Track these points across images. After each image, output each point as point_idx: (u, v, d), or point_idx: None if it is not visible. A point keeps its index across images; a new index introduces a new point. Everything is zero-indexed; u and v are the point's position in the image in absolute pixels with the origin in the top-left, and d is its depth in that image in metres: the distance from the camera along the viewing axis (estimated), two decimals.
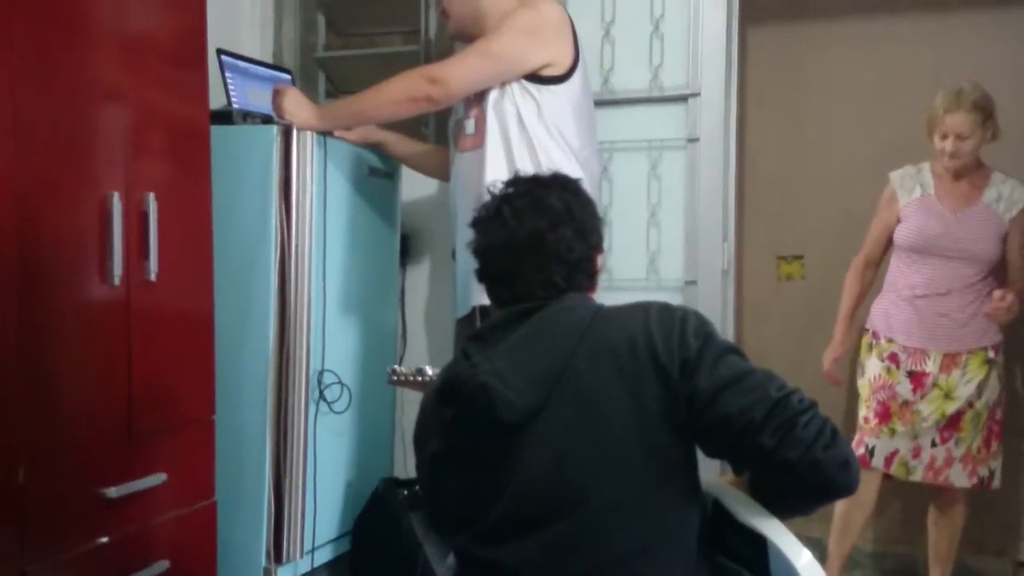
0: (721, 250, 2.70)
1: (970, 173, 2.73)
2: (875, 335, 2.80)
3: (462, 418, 1.39)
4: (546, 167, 2.06)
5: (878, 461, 2.71)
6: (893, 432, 2.69)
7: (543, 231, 1.42)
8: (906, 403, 2.69)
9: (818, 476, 1.25)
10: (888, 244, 2.84)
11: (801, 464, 1.24)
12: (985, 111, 2.64)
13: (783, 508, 1.35)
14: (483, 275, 1.50)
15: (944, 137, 2.67)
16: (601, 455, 1.30)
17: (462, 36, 2.45)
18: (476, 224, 1.50)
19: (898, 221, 2.78)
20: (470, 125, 2.33)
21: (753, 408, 1.26)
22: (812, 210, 3.58)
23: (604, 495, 1.30)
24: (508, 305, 1.45)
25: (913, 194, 2.77)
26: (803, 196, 3.60)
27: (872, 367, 2.77)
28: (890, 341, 2.75)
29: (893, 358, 2.73)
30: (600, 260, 1.52)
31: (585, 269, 1.47)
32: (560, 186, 1.48)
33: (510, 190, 1.48)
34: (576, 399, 1.32)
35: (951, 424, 2.68)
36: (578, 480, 1.31)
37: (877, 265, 2.90)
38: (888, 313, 2.78)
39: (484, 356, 1.37)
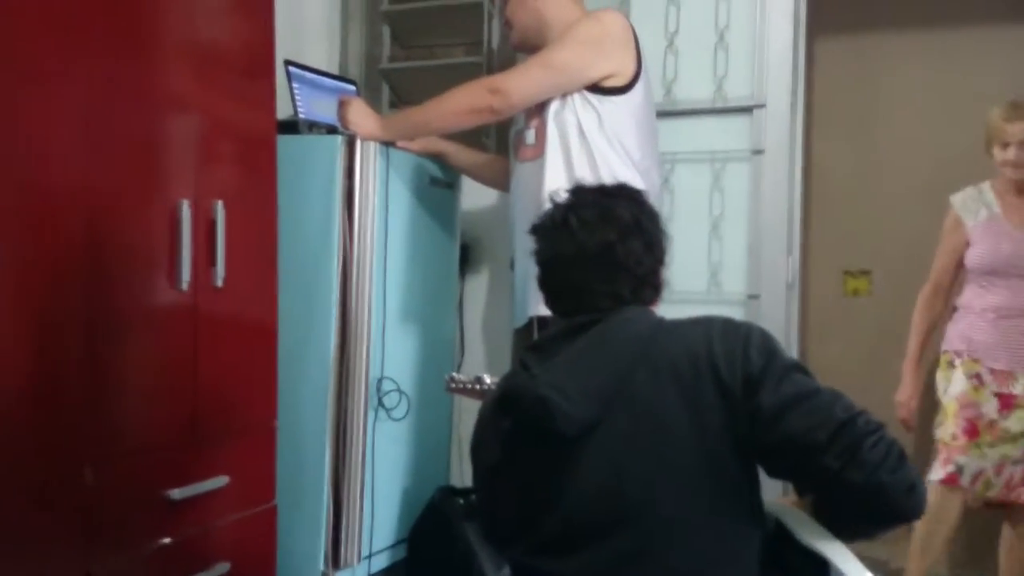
0: (786, 264, 2.66)
1: None
2: (957, 354, 2.72)
3: (520, 429, 1.38)
4: (606, 178, 2.05)
5: (966, 480, 2.61)
6: (981, 449, 2.60)
7: (613, 243, 1.40)
8: (992, 422, 2.60)
9: (883, 500, 1.21)
10: (957, 270, 2.76)
11: (866, 487, 1.20)
12: None
13: (846, 531, 1.32)
14: (547, 285, 1.49)
15: (1006, 147, 2.61)
16: (659, 469, 1.29)
17: (525, 47, 2.46)
18: (539, 232, 1.48)
19: (967, 245, 2.71)
20: (531, 135, 2.34)
21: (818, 429, 1.23)
22: (880, 224, 3.50)
23: (662, 510, 1.28)
24: (571, 316, 1.43)
25: (979, 216, 2.70)
26: (871, 210, 3.52)
27: (957, 383, 2.67)
28: (974, 361, 2.66)
29: (979, 377, 2.65)
30: (663, 274, 1.49)
31: (652, 283, 1.45)
32: (628, 197, 1.46)
33: (575, 199, 1.46)
34: (635, 413, 1.30)
35: None
36: (636, 494, 1.29)
37: (948, 292, 2.81)
38: (968, 335, 2.69)
39: (543, 367, 1.36)
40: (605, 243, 1.40)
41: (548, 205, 1.50)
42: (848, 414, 1.24)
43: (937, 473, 2.62)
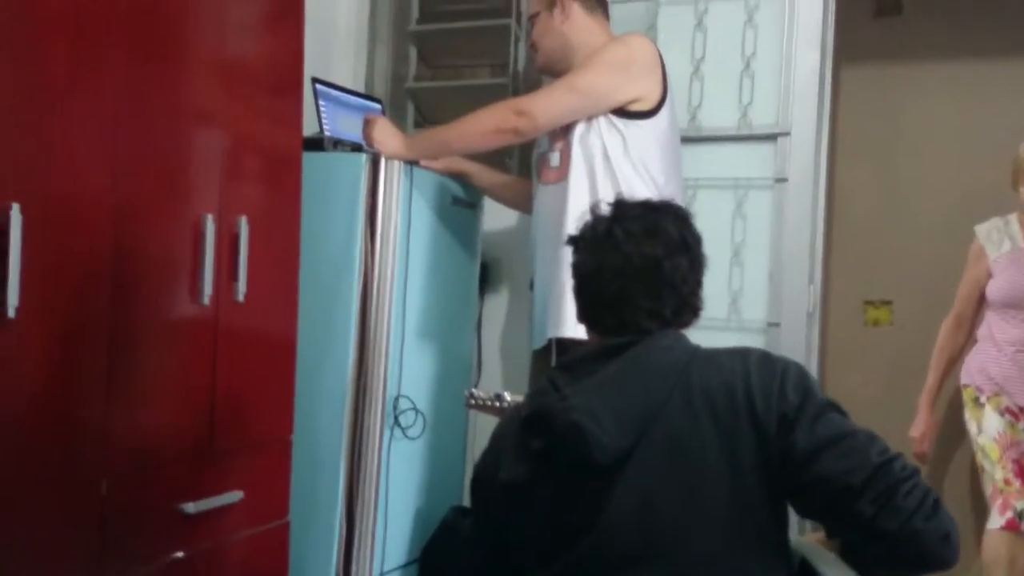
0: (807, 292, 2.64)
1: None
2: (979, 389, 2.67)
3: (550, 453, 1.35)
4: None
5: None
6: None
7: (660, 258, 1.37)
8: None
9: (916, 548, 1.19)
10: (980, 301, 2.74)
11: (900, 534, 1.18)
12: None
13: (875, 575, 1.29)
14: (587, 299, 1.44)
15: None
16: (690, 504, 1.27)
17: (551, 70, 2.46)
18: (580, 244, 1.45)
19: (989, 276, 2.68)
20: (555, 158, 2.34)
21: (852, 472, 1.20)
22: (902, 255, 3.48)
23: (690, 545, 1.26)
24: (609, 332, 1.40)
25: (1002, 248, 2.67)
26: (893, 240, 3.50)
27: (992, 423, 2.61)
28: (999, 395, 2.62)
29: (1010, 411, 2.60)
30: (703, 294, 1.46)
31: (692, 304, 1.42)
32: (673, 214, 1.43)
33: (620, 211, 1.43)
34: (667, 444, 1.28)
35: None
36: (664, 527, 1.27)
37: (971, 324, 2.78)
38: (987, 369, 2.66)
39: (574, 389, 1.33)
40: (652, 258, 1.37)
41: (588, 218, 1.46)
42: (883, 458, 1.21)
43: (996, 521, 2.52)
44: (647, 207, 1.44)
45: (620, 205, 1.45)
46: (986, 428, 2.61)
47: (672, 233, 1.39)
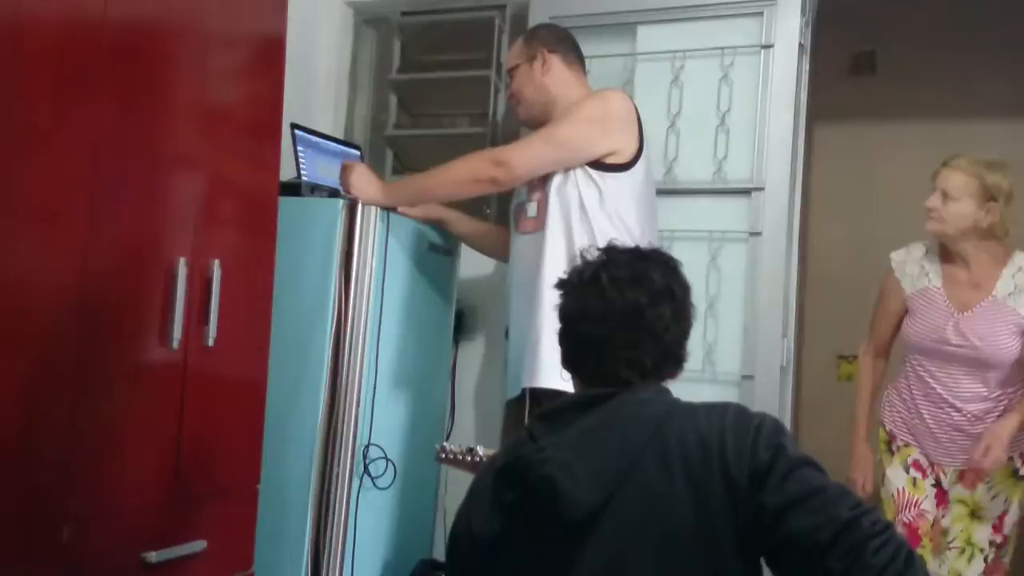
0: (781, 346, 2.65)
1: (982, 256, 2.41)
2: (892, 436, 2.53)
3: (522, 506, 1.33)
4: None
5: None
6: (925, 558, 2.37)
7: (643, 305, 1.36)
8: (936, 523, 2.40)
9: None
10: (896, 332, 2.57)
11: None
12: (989, 188, 2.35)
13: None
14: (568, 342, 1.44)
15: (933, 192, 2.42)
16: (662, 563, 1.25)
17: (531, 121, 2.49)
18: (567, 287, 1.44)
19: (905, 312, 2.51)
20: (532, 208, 2.35)
21: (821, 529, 1.18)
22: None
23: None
24: (589, 379, 1.40)
25: (918, 283, 2.50)
26: (867, 295, 3.51)
27: (895, 477, 2.47)
28: (908, 445, 2.49)
29: (917, 466, 2.46)
30: (688, 345, 1.45)
31: (675, 354, 1.41)
32: (662, 263, 1.43)
33: (608, 257, 1.43)
34: (641, 501, 1.27)
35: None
36: None
37: (887, 354, 2.64)
38: (900, 416, 2.53)
39: (551, 441, 1.32)
40: (635, 305, 1.36)
41: (577, 262, 1.46)
42: (853, 513, 1.19)
43: None
44: (636, 255, 1.44)
45: (610, 251, 1.45)
46: (889, 483, 2.50)
47: (658, 281, 1.39)
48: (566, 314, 1.44)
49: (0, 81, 1.46)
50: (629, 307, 1.36)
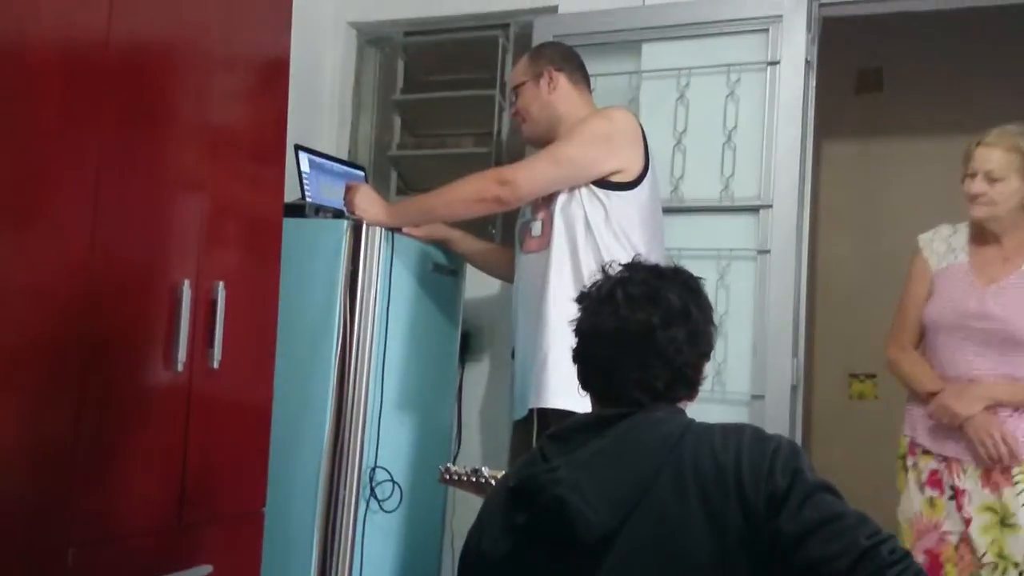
0: (791, 365, 2.62)
1: (1016, 230, 2.25)
2: (911, 448, 2.31)
3: (534, 527, 1.31)
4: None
5: None
6: None
7: (654, 326, 1.33)
8: (963, 540, 2.18)
9: None
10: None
11: None
12: None
13: None
14: (581, 359, 1.41)
15: (972, 176, 2.24)
16: None
17: (536, 140, 2.48)
18: (584, 302, 1.42)
19: (931, 294, 2.32)
20: (537, 227, 2.34)
21: (840, 557, 1.16)
22: (887, 327, 3.47)
23: None
24: (601, 397, 1.38)
25: (944, 261, 2.34)
26: (877, 313, 3.48)
27: (911, 499, 2.28)
28: (926, 453, 2.28)
29: (934, 480, 2.24)
30: (706, 369, 1.43)
31: (687, 377, 1.38)
32: (682, 283, 1.40)
33: (627, 274, 1.40)
34: (654, 524, 1.24)
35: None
36: None
37: (918, 349, 2.40)
38: (918, 417, 2.32)
39: (563, 461, 1.29)
40: (647, 325, 1.33)
41: (598, 277, 1.44)
42: (872, 541, 1.17)
43: None
44: (654, 272, 1.42)
45: (631, 267, 1.43)
46: (905, 504, 2.31)
47: (674, 302, 1.36)
48: (580, 331, 1.42)
49: (3, 101, 1.46)
50: (641, 327, 1.34)
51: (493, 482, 1.83)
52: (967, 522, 2.19)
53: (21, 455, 1.50)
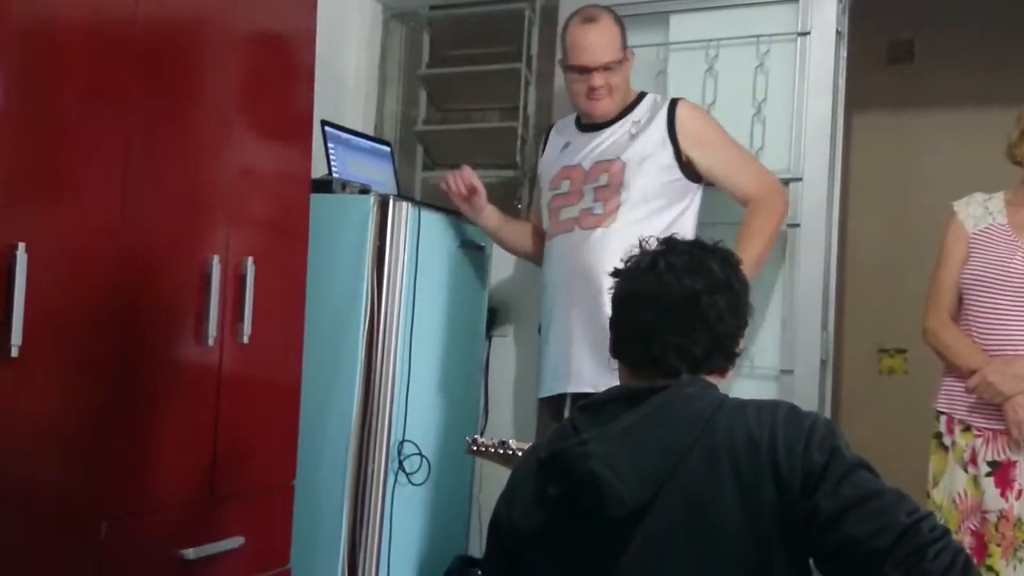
0: (820, 339, 2.60)
1: None
2: (948, 425, 2.23)
3: (565, 500, 1.31)
4: None
5: None
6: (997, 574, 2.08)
7: (698, 292, 1.33)
8: (1003, 518, 2.09)
9: None
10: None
11: None
12: None
13: None
14: (618, 326, 1.41)
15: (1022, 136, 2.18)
16: (707, 564, 1.22)
17: (609, 116, 2.41)
18: (624, 273, 1.42)
19: (967, 258, 2.26)
20: (600, 207, 2.31)
21: (879, 535, 1.15)
22: (917, 302, 3.42)
23: None
24: (637, 366, 1.37)
25: (981, 223, 2.28)
26: (908, 287, 3.45)
27: (954, 479, 2.20)
28: (965, 430, 2.19)
29: (974, 458, 2.16)
30: (741, 344, 1.41)
31: (727, 347, 1.37)
32: (722, 257, 1.40)
33: (667, 247, 1.40)
34: (686, 500, 1.24)
35: None
36: None
37: (958, 320, 2.30)
38: (955, 391, 2.23)
39: (594, 434, 1.29)
40: (691, 291, 1.33)
41: (635, 251, 1.43)
42: (912, 518, 1.16)
43: None
44: (696, 245, 1.42)
45: (669, 241, 1.43)
46: (946, 483, 2.22)
47: (716, 272, 1.36)
48: (618, 298, 1.41)
49: (34, 80, 1.47)
50: (684, 292, 1.33)
51: (520, 454, 1.84)
52: (1019, 494, 2.10)
53: (55, 430, 1.52)
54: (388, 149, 2.90)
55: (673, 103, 2.42)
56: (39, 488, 1.50)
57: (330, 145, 2.61)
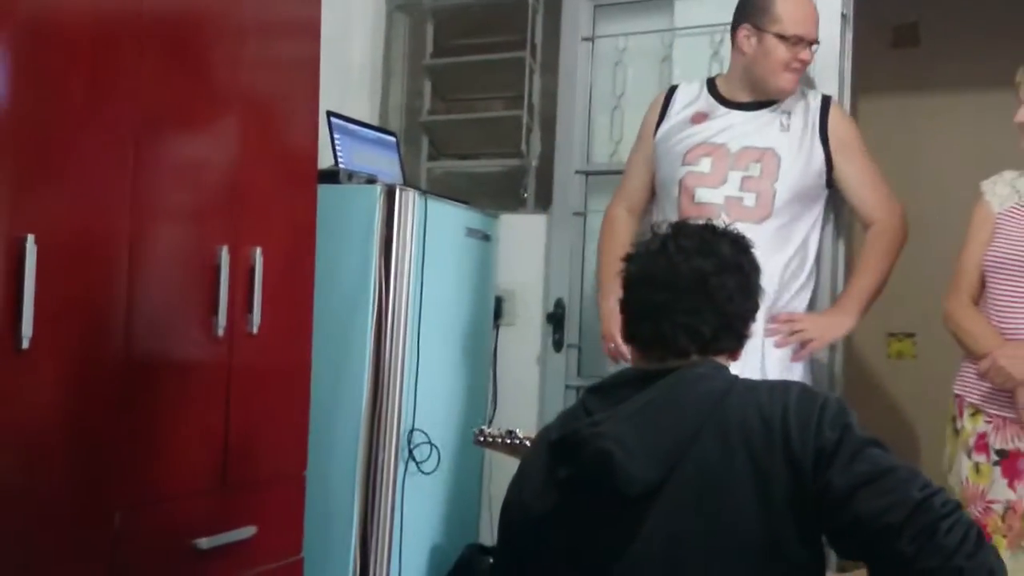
0: None
1: None
2: (960, 408, 2.15)
3: (577, 481, 1.31)
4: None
5: None
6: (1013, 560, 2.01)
7: (707, 273, 1.34)
8: (1010, 509, 2.02)
9: None
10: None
11: (942, 573, 1.13)
12: None
13: None
14: (628, 307, 1.41)
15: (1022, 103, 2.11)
16: (720, 542, 1.22)
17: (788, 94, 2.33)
18: (634, 257, 1.43)
19: (992, 238, 2.16)
20: (751, 198, 2.22)
21: (891, 510, 1.15)
22: (926, 286, 3.41)
23: None
24: (646, 347, 1.38)
25: (1007, 202, 2.19)
26: (916, 271, 3.44)
27: (961, 465, 2.13)
28: (974, 414, 2.11)
29: (981, 445, 2.09)
30: (752, 328, 1.42)
31: (736, 328, 1.38)
32: (733, 240, 1.41)
33: (677, 230, 1.41)
34: (699, 479, 1.24)
35: None
36: (692, 566, 1.23)
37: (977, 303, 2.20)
38: (969, 375, 2.15)
39: (606, 415, 1.29)
40: (700, 271, 1.34)
41: (647, 236, 1.44)
42: (924, 493, 1.16)
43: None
44: (707, 228, 1.43)
45: (680, 224, 1.45)
46: (955, 470, 2.17)
47: (726, 254, 1.37)
48: (629, 280, 1.41)
49: (41, 72, 1.47)
50: (693, 273, 1.34)
51: (527, 443, 1.84)
52: (1019, 489, 2.04)
53: (67, 421, 1.53)
54: (393, 139, 2.90)
55: (826, 101, 2.34)
56: (54, 479, 1.51)
57: (336, 136, 2.61)
